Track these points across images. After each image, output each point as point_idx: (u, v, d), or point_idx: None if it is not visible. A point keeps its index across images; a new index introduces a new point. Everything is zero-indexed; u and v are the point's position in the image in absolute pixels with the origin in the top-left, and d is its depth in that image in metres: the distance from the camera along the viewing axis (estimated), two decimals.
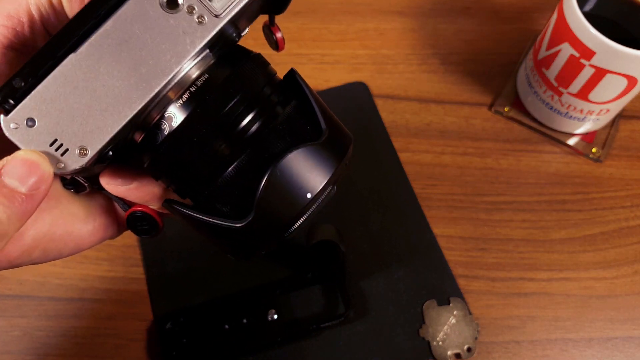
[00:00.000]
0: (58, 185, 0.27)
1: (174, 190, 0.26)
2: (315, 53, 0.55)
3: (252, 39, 0.29)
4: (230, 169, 0.23)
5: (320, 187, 0.24)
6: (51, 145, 0.21)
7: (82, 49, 0.21)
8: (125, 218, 0.28)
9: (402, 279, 0.45)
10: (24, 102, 0.21)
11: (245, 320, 0.43)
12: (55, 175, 0.22)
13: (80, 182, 0.27)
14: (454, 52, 0.55)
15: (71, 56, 0.21)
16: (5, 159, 0.21)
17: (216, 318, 0.43)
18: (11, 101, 0.21)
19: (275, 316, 0.43)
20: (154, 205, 0.27)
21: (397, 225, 0.47)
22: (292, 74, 0.27)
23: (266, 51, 0.28)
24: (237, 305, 0.43)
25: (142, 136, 0.24)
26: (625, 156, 0.50)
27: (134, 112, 0.21)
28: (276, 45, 0.28)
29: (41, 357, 0.43)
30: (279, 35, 0.27)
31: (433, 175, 0.49)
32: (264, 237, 0.24)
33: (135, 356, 0.43)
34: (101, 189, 0.26)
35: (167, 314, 0.43)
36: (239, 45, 0.25)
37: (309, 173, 0.24)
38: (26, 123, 0.21)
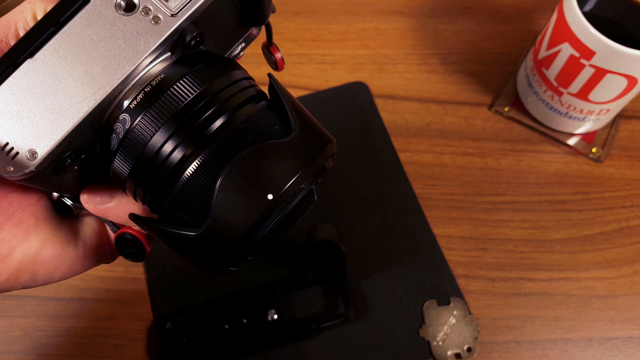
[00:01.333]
0: (47, 208, 0.27)
1: (143, 203, 0.25)
2: (315, 53, 0.55)
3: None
4: (187, 170, 0.22)
5: (285, 187, 0.21)
6: (2, 148, 0.21)
7: (39, 54, 0.21)
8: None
9: (402, 279, 0.45)
10: None
11: (245, 320, 0.43)
12: (3, 178, 0.21)
13: (69, 206, 0.27)
14: (454, 52, 0.55)
15: (28, 61, 0.21)
16: None
17: (216, 318, 0.43)
18: None
19: (275, 316, 0.43)
20: (136, 226, 0.27)
21: (397, 225, 0.47)
22: (269, 77, 0.25)
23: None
24: (237, 305, 0.43)
25: (104, 142, 0.23)
26: (625, 156, 0.50)
27: (85, 113, 0.21)
28: (275, 65, 0.28)
29: (41, 357, 0.43)
30: (278, 55, 0.27)
31: (433, 175, 0.49)
32: (225, 247, 0.22)
33: (135, 356, 0.43)
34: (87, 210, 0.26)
35: (167, 314, 0.43)
36: (210, 51, 0.25)
37: (272, 172, 0.22)
38: None
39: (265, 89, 0.26)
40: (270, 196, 0.21)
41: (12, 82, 0.21)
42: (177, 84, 0.22)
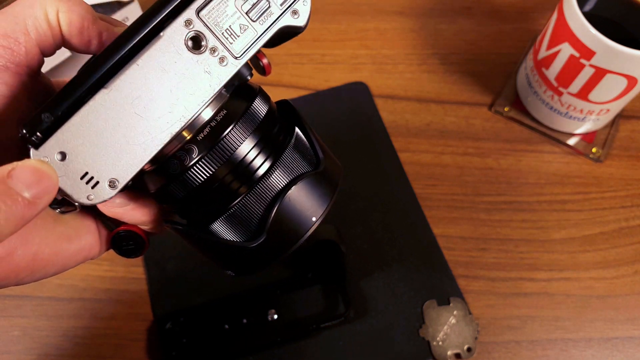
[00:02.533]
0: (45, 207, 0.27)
1: (175, 212, 0.27)
2: (315, 53, 0.55)
3: None
4: (237, 201, 0.25)
5: (323, 211, 0.27)
6: (82, 178, 0.22)
7: (113, 84, 0.22)
8: (108, 237, 0.28)
9: (402, 279, 0.45)
10: (55, 135, 0.21)
11: (245, 320, 0.43)
12: (81, 205, 0.22)
13: (70, 202, 0.27)
14: (454, 52, 0.55)
15: (102, 91, 0.22)
16: (15, 163, 0.21)
17: (216, 318, 0.43)
18: (39, 134, 0.21)
19: (275, 316, 0.43)
20: (147, 227, 0.28)
21: (398, 225, 0.47)
22: (287, 106, 0.29)
23: (269, 51, 0.28)
24: (237, 305, 0.43)
25: (152, 167, 0.25)
26: (625, 156, 0.50)
27: (161, 146, 0.23)
28: (263, 70, 0.29)
29: (41, 357, 0.43)
30: (265, 61, 0.28)
31: (433, 175, 0.49)
32: (270, 257, 0.27)
33: (135, 356, 0.43)
34: (89, 208, 0.26)
35: (167, 314, 0.43)
36: (248, 83, 0.27)
37: (313, 200, 0.27)
38: (56, 157, 0.22)
39: (264, 90, 0.28)
40: (314, 219, 0.27)
41: (86, 111, 0.21)
42: (239, 121, 0.25)
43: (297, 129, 0.28)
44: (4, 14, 0.23)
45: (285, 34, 0.26)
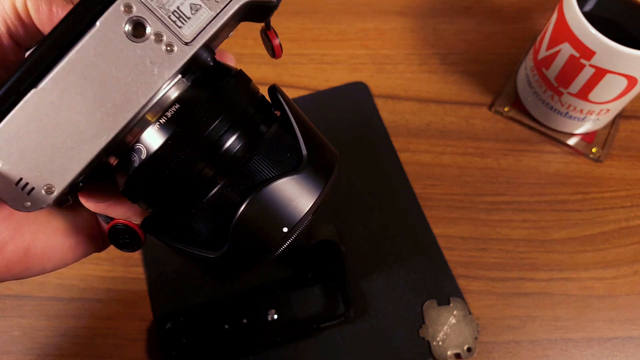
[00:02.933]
0: None
1: (151, 213, 0.25)
2: (315, 53, 0.55)
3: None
4: (208, 196, 0.23)
5: (297, 220, 0.23)
6: (17, 184, 0.20)
7: (44, 84, 0.20)
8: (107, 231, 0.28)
9: (402, 279, 0.45)
10: None
11: (245, 320, 0.43)
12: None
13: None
14: (454, 52, 0.55)
15: (33, 92, 0.20)
16: None
17: (216, 318, 0.43)
18: None
19: (275, 316, 0.43)
20: (137, 221, 0.27)
21: (397, 225, 0.47)
22: (274, 90, 0.26)
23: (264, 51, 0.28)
24: (237, 305, 0.43)
25: (117, 161, 0.23)
26: (625, 156, 0.50)
27: (101, 147, 0.21)
28: (273, 51, 0.27)
29: (41, 357, 0.43)
30: (276, 42, 0.26)
31: (433, 175, 0.49)
32: (239, 267, 0.24)
33: (135, 356, 0.43)
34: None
35: (167, 314, 0.43)
36: (218, 63, 0.24)
37: (286, 206, 0.23)
38: None
39: (264, 89, 0.26)
40: (285, 229, 0.23)
41: (17, 114, 0.20)
42: (196, 112, 0.22)
43: (276, 123, 0.25)
44: None
45: (256, 11, 0.23)
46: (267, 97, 0.27)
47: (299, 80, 0.53)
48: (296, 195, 0.23)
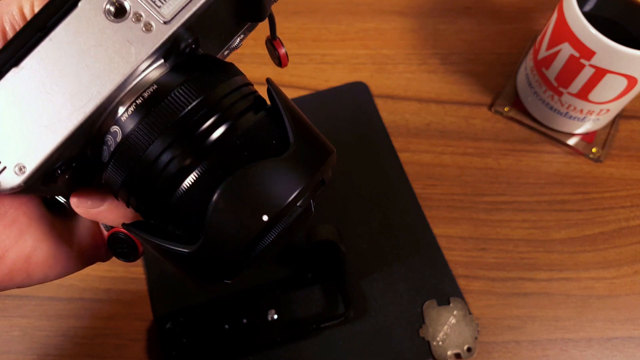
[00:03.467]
0: (40, 206, 0.26)
1: (136, 210, 0.24)
2: (315, 53, 0.55)
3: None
4: (181, 186, 0.21)
5: (280, 209, 0.21)
6: None
7: (25, 62, 0.20)
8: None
9: (402, 279, 0.45)
10: None
11: (245, 320, 0.43)
12: None
13: (62, 204, 0.27)
14: (454, 52, 0.55)
15: (13, 71, 0.20)
16: None
17: (216, 318, 0.43)
18: None
19: (275, 316, 0.43)
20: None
21: (397, 225, 0.47)
22: (268, 84, 0.25)
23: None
24: (237, 305, 0.43)
25: (94, 152, 0.23)
26: (625, 156, 0.50)
27: (74, 126, 0.20)
28: (279, 60, 0.27)
29: (41, 357, 0.43)
30: (282, 51, 0.26)
31: (433, 175, 0.49)
32: (218, 264, 0.22)
33: (135, 356, 0.43)
34: None
35: (167, 314, 0.43)
36: (207, 55, 0.24)
37: (267, 192, 0.21)
38: None
39: (263, 89, 0.25)
40: (265, 217, 0.21)
41: None
42: (171, 95, 0.21)
43: (264, 110, 0.24)
44: None
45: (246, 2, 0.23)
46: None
47: (298, 80, 0.53)
48: (279, 180, 0.21)
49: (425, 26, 0.56)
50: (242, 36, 0.27)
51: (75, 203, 0.25)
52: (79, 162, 0.23)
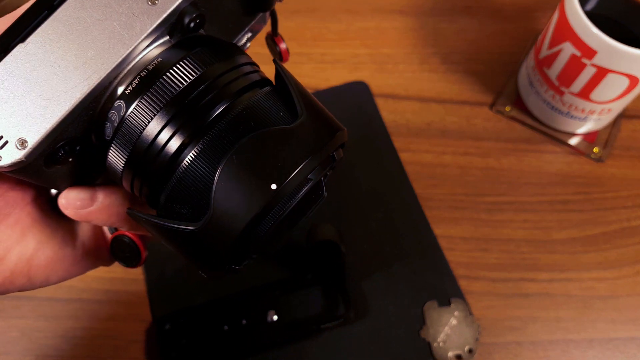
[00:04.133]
0: (44, 207, 0.26)
1: (140, 196, 0.23)
2: (315, 52, 0.55)
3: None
4: (185, 160, 0.21)
5: (289, 176, 0.20)
6: None
7: (30, 38, 0.20)
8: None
9: (402, 280, 0.44)
10: None
11: (244, 321, 0.42)
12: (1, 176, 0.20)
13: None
14: (455, 51, 0.55)
15: (19, 46, 0.20)
16: None
17: (215, 319, 0.43)
18: None
19: (275, 317, 0.42)
20: (124, 227, 0.26)
21: (398, 226, 0.46)
22: (274, 63, 0.24)
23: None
24: (236, 306, 0.43)
25: (99, 131, 0.22)
26: (627, 156, 0.50)
27: (77, 99, 0.20)
28: (280, 56, 0.26)
29: (40, 358, 0.42)
30: (283, 46, 0.26)
31: (434, 175, 0.49)
32: (226, 242, 0.20)
33: (134, 357, 0.42)
34: None
35: (166, 315, 0.43)
36: (211, 36, 0.24)
37: (275, 161, 0.20)
38: None
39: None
40: (274, 186, 0.20)
41: (2, 68, 0.20)
42: (174, 67, 0.21)
43: (269, 86, 0.23)
44: (6, 19, 0.22)
45: None
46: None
47: (298, 79, 0.53)
48: (288, 150, 0.20)
49: (426, 25, 0.56)
50: (249, 35, 0.27)
51: (64, 204, 0.24)
52: (82, 146, 0.22)
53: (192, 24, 0.22)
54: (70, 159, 0.22)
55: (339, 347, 0.42)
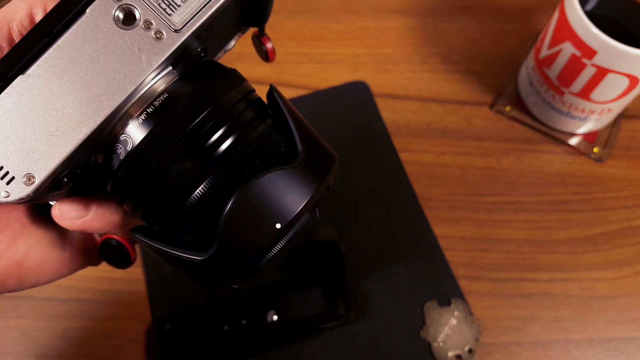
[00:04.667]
0: (33, 211, 0.26)
1: (140, 217, 0.24)
2: (315, 52, 0.54)
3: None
4: (194, 194, 0.22)
5: (292, 217, 0.21)
6: None
7: (31, 70, 0.20)
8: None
9: (402, 280, 0.44)
10: None
11: (244, 322, 0.42)
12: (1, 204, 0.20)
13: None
14: (455, 51, 0.55)
15: (19, 78, 0.20)
16: None
17: (215, 319, 0.43)
18: None
19: (275, 317, 0.42)
20: (118, 233, 0.26)
21: (398, 226, 0.46)
22: (271, 91, 0.25)
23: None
24: (236, 306, 0.43)
25: (103, 158, 0.22)
26: (627, 156, 0.49)
27: (84, 136, 0.20)
28: (266, 56, 0.26)
29: (39, 358, 0.42)
30: (269, 45, 0.26)
31: (434, 175, 0.49)
32: (229, 271, 0.22)
33: (133, 358, 0.42)
34: None
35: (166, 315, 0.43)
36: (212, 61, 0.24)
37: (279, 201, 0.21)
38: None
39: (263, 89, 0.25)
40: (278, 225, 0.21)
41: (3, 100, 0.20)
42: (182, 105, 0.21)
43: (269, 119, 0.24)
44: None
45: (250, 10, 0.23)
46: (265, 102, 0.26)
47: (298, 79, 0.53)
48: (290, 189, 0.22)
49: (426, 25, 0.56)
50: (236, 37, 0.27)
51: (58, 216, 0.24)
52: (82, 169, 0.22)
53: (196, 57, 0.22)
54: (71, 183, 0.22)
55: (339, 347, 0.42)
